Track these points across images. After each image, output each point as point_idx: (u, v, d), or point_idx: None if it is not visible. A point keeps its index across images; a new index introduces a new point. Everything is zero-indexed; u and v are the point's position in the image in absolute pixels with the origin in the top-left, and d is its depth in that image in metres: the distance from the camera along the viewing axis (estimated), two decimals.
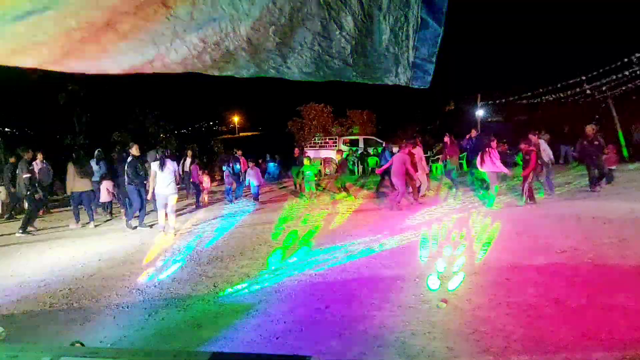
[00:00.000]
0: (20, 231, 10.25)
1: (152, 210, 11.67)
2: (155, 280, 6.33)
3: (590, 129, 11.95)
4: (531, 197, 10.71)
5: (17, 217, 12.90)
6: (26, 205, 13.28)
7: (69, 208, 12.86)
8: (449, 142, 13.16)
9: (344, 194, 13.74)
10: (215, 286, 5.92)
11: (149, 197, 9.74)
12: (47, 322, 5.02)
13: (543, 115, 25.73)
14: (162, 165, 9.17)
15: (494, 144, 10.85)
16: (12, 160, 12.97)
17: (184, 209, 13.34)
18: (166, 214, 9.46)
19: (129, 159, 10.08)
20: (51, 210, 14.42)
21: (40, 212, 12.41)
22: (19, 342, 2.86)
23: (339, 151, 15.11)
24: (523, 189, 10.66)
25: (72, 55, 1.99)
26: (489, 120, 29.92)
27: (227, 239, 8.78)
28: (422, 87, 2.22)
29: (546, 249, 6.79)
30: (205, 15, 1.79)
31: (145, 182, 10.17)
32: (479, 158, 10.91)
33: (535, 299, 4.88)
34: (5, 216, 13.25)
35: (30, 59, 2.06)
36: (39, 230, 10.85)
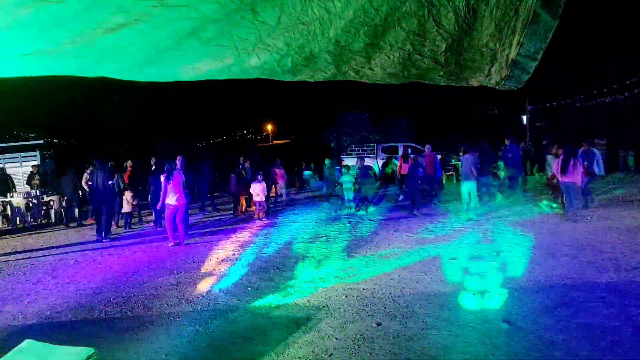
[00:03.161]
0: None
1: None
2: (203, 290, 6.33)
3: None
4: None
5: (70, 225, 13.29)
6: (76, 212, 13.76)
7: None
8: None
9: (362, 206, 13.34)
10: (262, 298, 5.87)
11: (158, 206, 9.90)
12: (104, 330, 5.07)
13: (598, 118, 24.55)
14: (169, 178, 9.38)
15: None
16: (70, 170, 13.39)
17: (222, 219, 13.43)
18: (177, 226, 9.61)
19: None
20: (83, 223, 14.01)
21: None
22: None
23: (360, 158, 14.35)
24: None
25: (151, 63, 1.99)
26: (537, 124, 28.76)
27: (268, 250, 8.74)
28: (512, 89, 2.11)
29: (615, 265, 6.43)
30: (293, 19, 1.74)
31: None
32: (560, 167, 10.04)
33: (610, 321, 4.57)
34: (68, 223, 13.59)
35: (111, 68, 2.07)
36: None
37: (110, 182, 10.78)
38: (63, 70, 2.05)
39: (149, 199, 12.36)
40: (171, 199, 9.41)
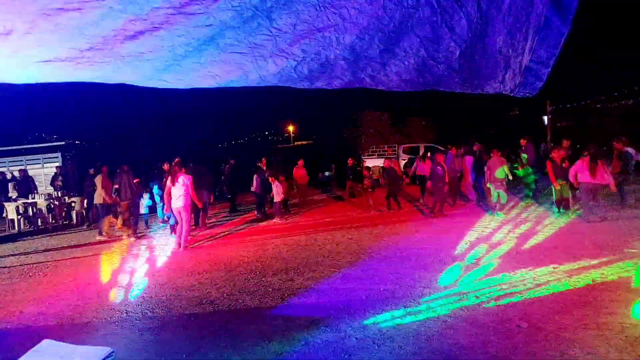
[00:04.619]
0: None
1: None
2: (223, 291, 6.37)
3: None
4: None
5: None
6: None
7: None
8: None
9: (393, 205, 13.29)
10: (282, 299, 5.89)
11: (165, 210, 10.03)
12: (124, 331, 5.15)
13: (620, 119, 23.86)
14: (173, 180, 9.46)
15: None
16: (91, 171, 13.58)
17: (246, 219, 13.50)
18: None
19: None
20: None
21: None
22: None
23: (387, 160, 14.31)
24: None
25: (170, 70, 2.01)
26: (558, 125, 28.25)
27: (288, 251, 8.77)
28: (526, 96, 2.09)
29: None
30: (309, 26, 1.74)
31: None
32: (589, 169, 9.56)
33: (631, 320, 4.52)
34: (86, 224, 13.81)
35: (130, 76, 2.09)
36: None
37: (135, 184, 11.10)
38: (82, 77, 2.08)
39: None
40: (173, 201, 9.53)
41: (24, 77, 2.04)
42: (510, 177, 11.19)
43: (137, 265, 8.26)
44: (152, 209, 13.32)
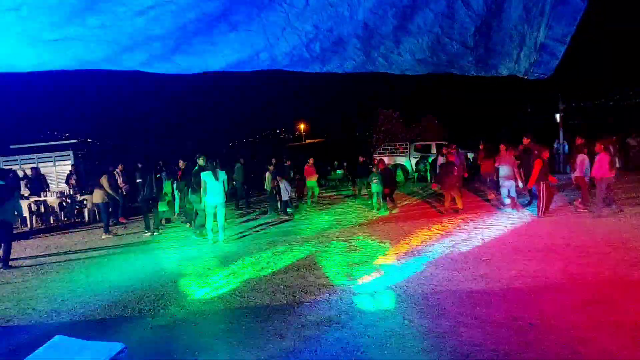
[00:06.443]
0: None
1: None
2: (234, 288, 6.34)
3: None
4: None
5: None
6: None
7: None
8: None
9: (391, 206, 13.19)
10: (294, 296, 5.84)
11: (201, 206, 10.00)
12: (136, 327, 5.14)
13: (634, 117, 23.51)
14: (214, 175, 9.48)
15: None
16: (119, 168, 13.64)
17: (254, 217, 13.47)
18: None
19: (195, 169, 10.28)
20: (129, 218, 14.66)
21: None
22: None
23: (391, 155, 14.29)
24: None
25: (180, 50, 1.97)
26: (570, 123, 28.01)
27: (300, 247, 8.72)
28: (541, 77, 2.02)
29: None
30: (322, 1, 1.69)
31: None
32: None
33: None
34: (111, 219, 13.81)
35: (141, 57, 2.04)
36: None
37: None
38: (93, 59, 2.03)
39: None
40: (212, 197, 9.52)
41: (34, 61, 1.99)
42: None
43: (149, 263, 8.27)
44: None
